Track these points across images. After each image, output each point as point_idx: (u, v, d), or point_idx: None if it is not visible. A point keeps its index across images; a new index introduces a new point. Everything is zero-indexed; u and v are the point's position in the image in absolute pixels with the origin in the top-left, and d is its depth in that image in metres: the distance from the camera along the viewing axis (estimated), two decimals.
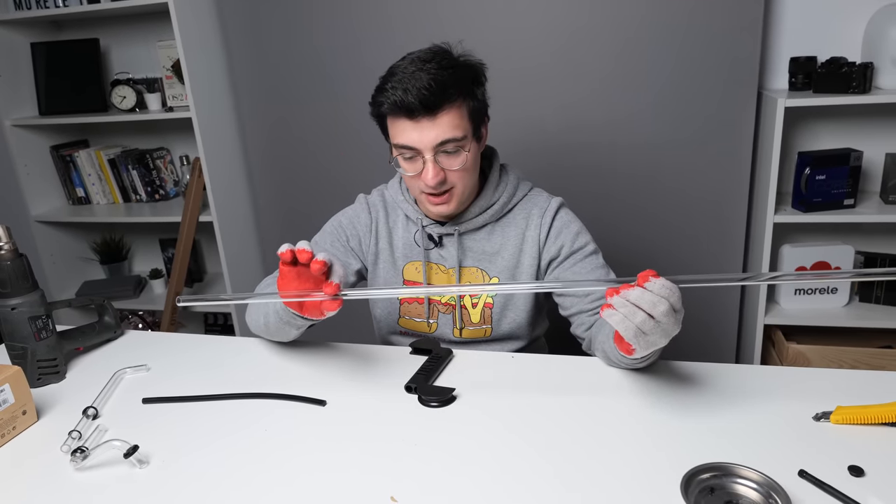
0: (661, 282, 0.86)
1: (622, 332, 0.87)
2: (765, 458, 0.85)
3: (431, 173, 1.14)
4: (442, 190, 1.18)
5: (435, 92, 1.10)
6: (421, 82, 1.09)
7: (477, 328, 1.32)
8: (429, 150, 1.13)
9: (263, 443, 0.96)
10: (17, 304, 1.13)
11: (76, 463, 0.91)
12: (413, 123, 1.12)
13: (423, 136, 1.13)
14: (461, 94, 1.14)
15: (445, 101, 1.11)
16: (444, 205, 1.20)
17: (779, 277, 0.87)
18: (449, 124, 1.13)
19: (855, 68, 1.78)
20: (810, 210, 1.91)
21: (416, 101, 1.09)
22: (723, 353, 2.20)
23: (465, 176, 1.19)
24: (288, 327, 1.11)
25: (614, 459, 0.87)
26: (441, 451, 0.91)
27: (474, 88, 1.17)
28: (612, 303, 0.87)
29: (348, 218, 1.35)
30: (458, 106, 1.14)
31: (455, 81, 1.12)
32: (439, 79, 1.10)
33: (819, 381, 1.04)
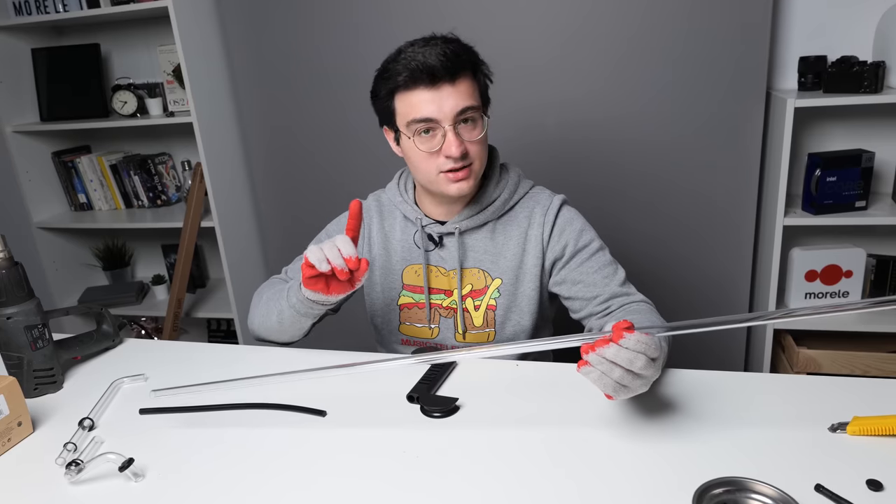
0: (636, 337, 0.84)
1: (601, 388, 0.86)
2: (780, 471, 0.82)
3: (455, 143, 1.12)
4: (464, 164, 1.15)
5: (451, 57, 1.11)
6: (436, 50, 1.10)
7: (480, 332, 1.29)
8: (448, 120, 1.12)
9: (262, 455, 0.93)
10: (13, 314, 1.11)
11: (71, 476, 0.89)
12: (432, 93, 1.11)
13: (444, 104, 1.11)
14: (472, 65, 1.16)
15: (462, 68, 1.12)
16: (465, 181, 1.17)
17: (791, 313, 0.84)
18: (467, 92, 1.13)
19: (866, 67, 1.75)
20: (821, 212, 1.87)
21: (439, 64, 1.09)
22: (732, 358, 2.17)
23: (482, 151, 1.18)
24: (305, 319, 1.17)
25: (624, 473, 0.84)
26: (444, 463, 0.89)
27: (480, 64, 1.18)
28: (588, 360, 0.85)
29: (340, 227, 1.34)
30: (470, 76, 1.15)
31: (466, 53, 1.14)
32: (451, 48, 1.12)
33: (834, 389, 1.01)
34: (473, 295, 1.27)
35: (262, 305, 1.25)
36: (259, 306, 1.26)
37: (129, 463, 0.89)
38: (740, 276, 2.07)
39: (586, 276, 1.22)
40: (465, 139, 1.14)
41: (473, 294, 1.27)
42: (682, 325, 0.88)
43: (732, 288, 2.08)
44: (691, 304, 2.12)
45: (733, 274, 2.07)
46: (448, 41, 1.14)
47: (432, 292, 1.28)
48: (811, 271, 1.97)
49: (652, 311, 1.17)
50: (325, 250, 1.02)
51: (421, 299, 1.29)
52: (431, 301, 1.29)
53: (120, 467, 0.88)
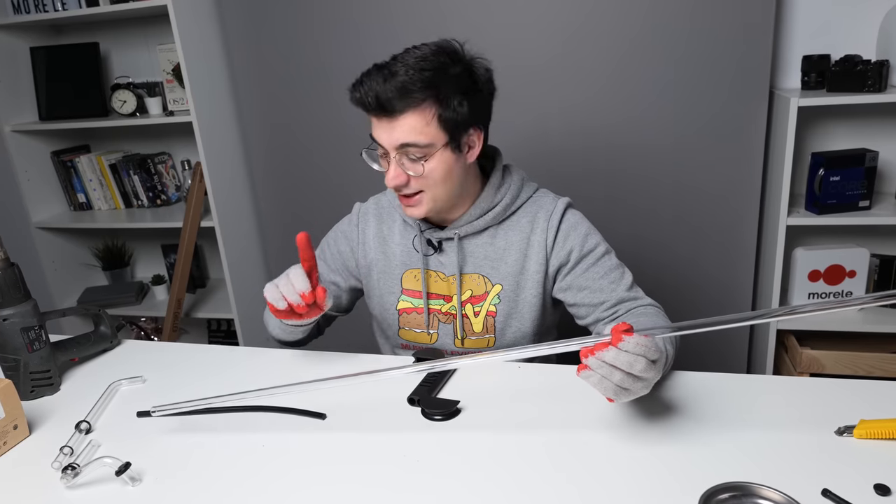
0: (636, 339, 0.83)
1: (601, 391, 0.85)
2: (785, 476, 0.80)
3: (391, 174, 1.12)
4: (406, 193, 1.15)
5: (393, 95, 1.06)
6: (381, 83, 1.06)
7: (479, 338, 1.27)
8: (391, 149, 1.11)
9: (260, 458, 0.92)
10: (9, 315, 1.10)
11: (67, 480, 0.88)
12: (377, 120, 1.11)
13: (385, 135, 1.11)
14: (429, 99, 1.07)
15: (407, 105, 1.07)
16: (412, 208, 1.17)
17: (794, 310, 0.82)
18: (410, 128, 1.08)
19: (870, 66, 1.74)
20: (824, 212, 1.86)
21: (373, 102, 1.08)
22: (734, 359, 2.15)
23: (435, 184, 1.13)
24: (299, 331, 1.24)
25: (626, 478, 0.83)
26: (445, 467, 0.88)
27: (452, 98, 1.08)
28: (587, 364, 0.84)
29: (337, 235, 1.36)
30: (422, 112, 1.07)
31: (424, 87, 1.06)
32: (403, 81, 1.05)
33: (840, 391, 1.00)
34: (473, 301, 1.25)
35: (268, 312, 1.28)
36: (267, 314, 1.30)
37: (126, 467, 0.88)
38: (743, 276, 2.06)
39: (592, 281, 1.20)
40: (407, 171, 1.12)
41: (473, 300, 1.25)
42: (684, 326, 0.87)
43: (735, 288, 2.07)
44: (694, 304, 2.10)
45: (736, 274, 2.06)
46: (421, 67, 1.06)
47: (432, 297, 1.27)
48: (814, 271, 1.96)
49: (659, 314, 1.15)
50: (281, 287, 1.04)
51: (420, 304, 1.27)
52: (430, 306, 1.27)
53: (117, 471, 0.87)
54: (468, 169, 1.18)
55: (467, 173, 1.18)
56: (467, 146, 1.15)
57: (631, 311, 1.17)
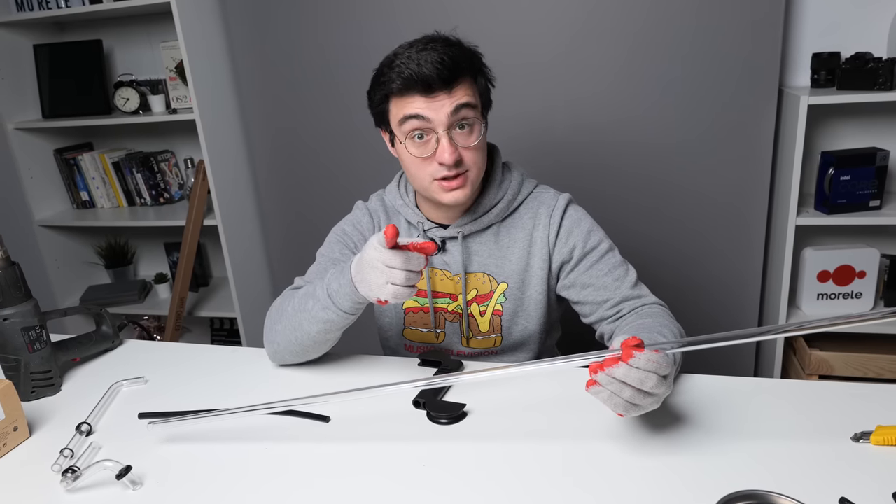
0: (647, 356, 0.80)
1: (611, 408, 0.83)
2: (801, 484, 0.78)
3: (448, 149, 1.07)
4: (458, 172, 1.11)
5: (449, 65, 1.05)
6: (433, 56, 1.05)
7: (486, 337, 1.25)
8: (443, 126, 1.07)
9: (263, 462, 0.91)
10: (10, 315, 1.09)
11: (67, 483, 0.86)
12: (427, 100, 1.07)
13: (440, 110, 1.07)
14: (472, 70, 1.11)
15: (459, 74, 1.08)
16: (460, 189, 1.12)
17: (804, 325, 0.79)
18: (464, 93, 1.09)
19: (881, 64, 1.71)
20: (834, 212, 1.84)
21: (434, 73, 1.04)
22: (742, 360, 2.13)
23: (479, 157, 1.13)
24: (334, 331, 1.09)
25: (640, 485, 0.81)
26: (451, 471, 0.86)
27: (482, 67, 1.14)
28: (597, 380, 0.82)
29: (351, 224, 1.28)
30: (469, 82, 1.10)
31: (465, 57, 1.09)
32: (450, 53, 1.07)
33: (854, 396, 0.97)
34: (479, 300, 1.23)
35: (289, 320, 1.12)
36: (282, 322, 1.13)
37: (127, 470, 0.86)
38: (751, 276, 2.04)
39: (596, 279, 1.18)
40: (459, 145, 1.09)
41: (479, 299, 1.23)
42: (694, 341, 0.83)
43: (743, 288, 2.05)
44: (701, 305, 2.08)
45: (744, 274, 2.04)
46: (449, 44, 1.09)
47: (437, 296, 1.25)
48: (824, 272, 1.93)
49: (664, 313, 1.13)
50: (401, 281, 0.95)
51: (426, 303, 1.25)
52: (436, 305, 1.25)
53: (117, 475, 0.86)
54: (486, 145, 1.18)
55: None
56: (487, 121, 1.16)
57: (635, 310, 1.15)
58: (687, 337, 1.09)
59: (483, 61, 1.15)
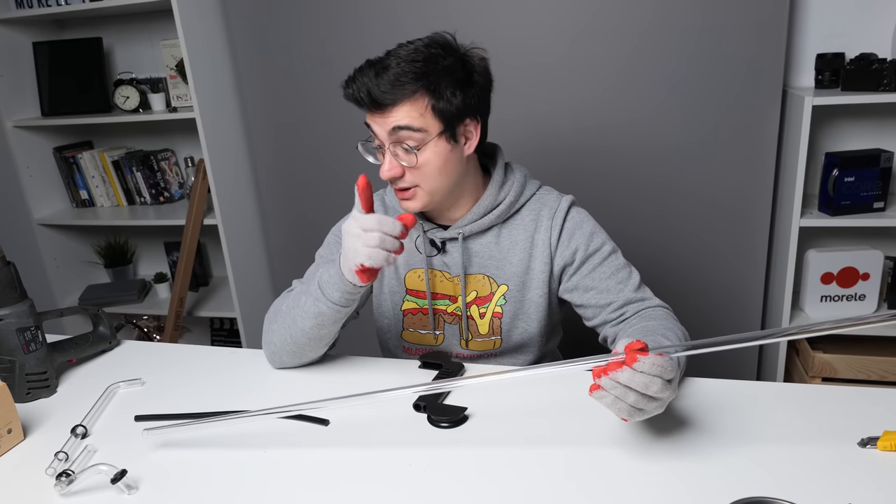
0: (651, 360, 0.79)
1: (615, 412, 0.82)
2: (807, 490, 0.77)
3: (385, 165, 1.09)
4: (401, 186, 1.11)
5: (385, 89, 1.04)
6: (372, 78, 1.05)
7: (485, 340, 1.24)
8: (385, 141, 1.08)
9: (262, 465, 0.89)
10: (5, 315, 1.07)
11: (61, 488, 0.85)
12: (370, 115, 1.09)
13: (378, 127, 1.09)
14: (423, 90, 1.05)
15: (399, 97, 1.04)
16: (408, 201, 1.13)
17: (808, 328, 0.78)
18: (404, 115, 1.06)
19: (886, 65, 1.70)
20: (838, 213, 1.82)
21: (366, 97, 1.06)
22: (745, 362, 2.12)
23: (430, 177, 1.10)
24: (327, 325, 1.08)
25: (643, 492, 0.80)
26: (452, 476, 0.84)
27: (445, 88, 1.06)
28: (601, 384, 0.80)
29: None
30: (414, 102, 1.05)
31: (417, 78, 1.04)
32: (396, 73, 1.04)
33: (860, 400, 0.96)
34: (478, 302, 1.22)
35: (283, 318, 1.12)
36: (278, 322, 1.13)
37: (122, 475, 0.85)
38: (754, 277, 2.02)
39: (599, 282, 1.17)
40: (402, 163, 1.09)
41: (478, 301, 1.22)
42: (699, 345, 0.82)
43: (746, 290, 2.04)
44: (703, 307, 2.07)
45: (747, 275, 2.02)
46: (412, 59, 1.04)
47: (437, 297, 1.24)
48: (827, 273, 1.92)
49: (668, 316, 1.12)
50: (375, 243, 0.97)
51: (425, 305, 1.24)
52: (436, 307, 1.24)
53: (112, 479, 0.84)
54: (467, 163, 1.15)
55: (466, 167, 1.15)
56: (464, 137, 1.12)
57: (639, 313, 1.14)
58: (689, 338, 1.08)
59: (470, 81, 1.09)
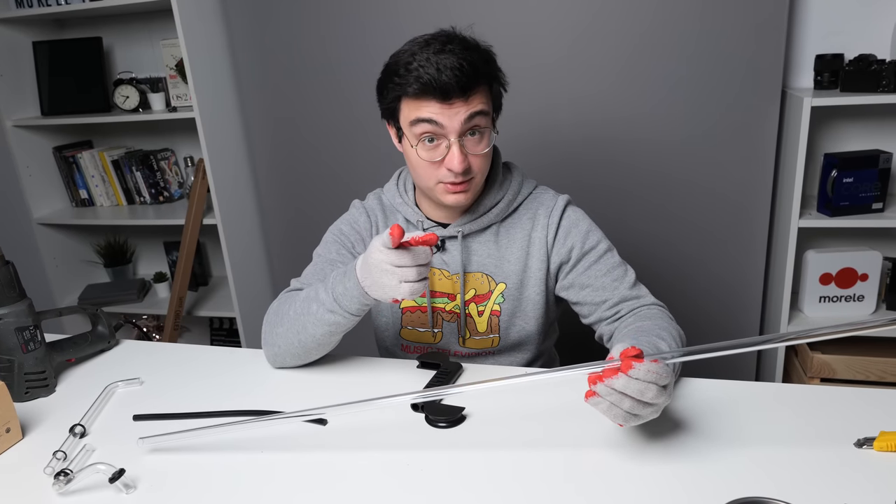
0: (646, 367, 0.79)
1: (611, 418, 0.82)
2: (803, 491, 0.77)
3: (459, 158, 1.07)
4: (464, 178, 1.10)
5: (468, 72, 1.04)
6: (452, 62, 1.03)
7: (483, 337, 1.24)
8: (455, 133, 1.06)
9: (259, 465, 0.89)
10: (4, 315, 1.08)
11: (59, 487, 0.85)
12: (442, 106, 1.05)
13: (454, 117, 1.05)
14: (488, 76, 1.09)
15: (477, 82, 1.06)
16: (463, 194, 1.12)
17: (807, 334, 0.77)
18: (478, 101, 1.07)
19: (885, 66, 1.70)
20: (837, 214, 1.82)
21: (453, 81, 1.02)
22: (744, 363, 2.12)
23: (486, 164, 1.13)
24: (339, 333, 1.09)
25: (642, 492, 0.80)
26: (450, 476, 0.85)
27: (497, 71, 1.12)
28: (596, 391, 0.81)
29: (348, 223, 1.27)
30: (485, 90, 1.09)
31: (483, 62, 1.08)
32: (469, 59, 1.04)
33: (857, 401, 0.96)
34: (477, 300, 1.22)
35: (291, 323, 1.10)
36: (284, 325, 1.12)
37: (120, 474, 0.85)
38: (753, 278, 2.02)
39: (594, 279, 1.18)
40: (469, 152, 1.09)
41: (477, 299, 1.22)
42: (694, 350, 0.83)
43: (745, 290, 2.04)
44: (702, 306, 2.07)
45: (746, 276, 2.02)
46: (467, 48, 1.06)
47: (435, 296, 1.24)
48: (826, 274, 1.92)
49: (663, 315, 1.12)
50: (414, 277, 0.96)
51: (423, 302, 1.24)
52: (434, 304, 1.24)
53: (110, 478, 0.84)
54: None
55: None
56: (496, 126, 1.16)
57: (634, 311, 1.14)
58: (685, 338, 1.08)
59: (497, 66, 1.13)
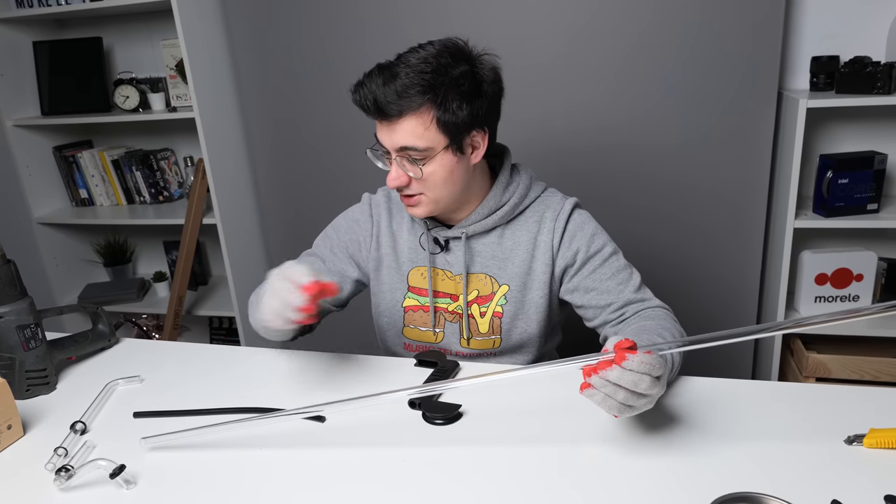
0: (640, 358, 0.80)
1: (605, 410, 0.83)
2: (794, 486, 0.79)
3: (392, 175, 1.12)
4: (406, 193, 1.14)
5: (391, 99, 1.05)
6: (379, 87, 1.05)
7: (485, 339, 1.25)
8: (393, 149, 1.10)
9: (258, 461, 0.91)
10: (5, 313, 1.09)
11: (60, 482, 0.86)
12: (379, 123, 1.10)
13: (384, 136, 1.10)
14: (429, 104, 1.05)
15: (405, 109, 1.05)
16: (413, 207, 1.16)
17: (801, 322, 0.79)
18: (408, 132, 1.07)
19: (880, 68, 1.71)
20: (832, 215, 1.84)
21: (372, 106, 1.07)
22: (740, 361, 2.13)
23: (436, 187, 1.12)
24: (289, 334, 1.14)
25: (634, 487, 0.81)
26: (446, 472, 0.86)
27: (451, 101, 1.05)
28: (591, 383, 0.82)
29: (348, 223, 1.30)
30: (419, 115, 1.06)
31: (423, 91, 1.04)
32: (404, 83, 1.04)
33: (849, 399, 0.98)
34: (479, 301, 1.23)
35: (255, 308, 1.14)
36: (254, 311, 1.17)
37: (121, 470, 0.86)
38: (749, 278, 2.04)
39: (599, 283, 1.18)
40: (408, 173, 1.11)
41: (479, 300, 1.23)
42: (687, 341, 0.84)
43: (741, 291, 2.05)
44: (699, 307, 2.08)
45: (742, 277, 2.04)
46: (421, 70, 1.04)
47: (438, 296, 1.25)
48: (821, 274, 1.94)
49: (667, 316, 1.13)
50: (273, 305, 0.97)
51: (426, 302, 1.25)
52: (437, 305, 1.25)
53: (111, 474, 0.86)
54: (473, 169, 1.16)
55: (472, 174, 1.16)
56: (470, 147, 1.12)
57: (639, 314, 1.15)
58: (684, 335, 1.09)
59: (479, 91, 1.09)
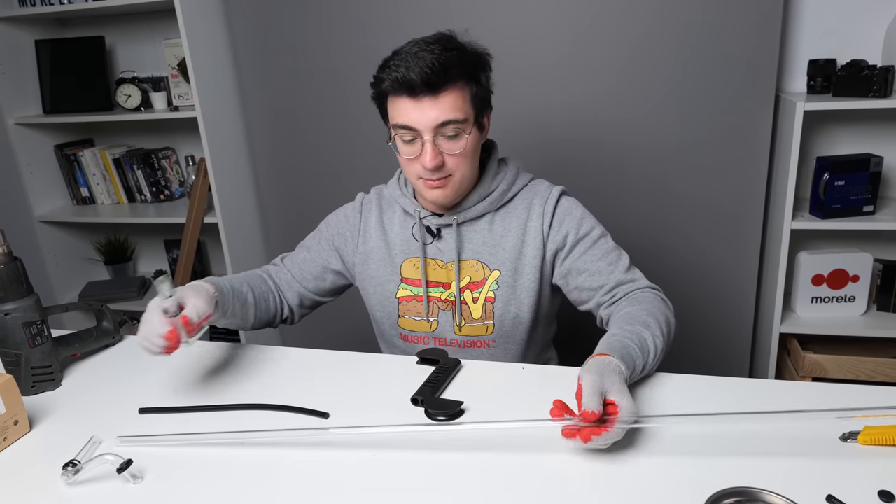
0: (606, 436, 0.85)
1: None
2: (790, 482, 0.80)
3: (430, 155, 1.12)
4: (439, 175, 1.15)
5: (438, 71, 1.08)
6: (424, 61, 1.08)
7: (478, 324, 1.27)
8: (428, 131, 1.12)
9: (262, 457, 0.92)
10: (11, 310, 1.09)
11: (68, 477, 0.87)
12: (414, 102, 1.11)
13: (424, 115, 1.11)
14: (465, 76, 1.13)
15: (448, 81, 1.10)
16: (441, 189, 1.18)
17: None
18: (451, 105, 1.11)
19: (876, 72, 1.73)
20: (828, 216, 1.86)
21: (419, 79, 1.08)
22: (737, 362, 2.15)
23: (464, 163, 1.16)
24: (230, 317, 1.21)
25: (630, 483, 0.82)
26: (448, 469, 0.87)
27: (479, 73, 1.16)
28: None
29: (338, 218, 1.37)
30: (460, 88, 1.12)
31: (459, 63, 1.11)
32: (443, 59, 1.09)
33: (844, 397, 0.99)
34: (472, 287, 1.26)
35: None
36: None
37: (128, 464, 0.87)
38: (747, 279, 2.05)
39: (591, 263, 1.22)
40: (443, 150, 1.14)
41: (472, 286, 1.26)
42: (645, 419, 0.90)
43: (738, 291, 2.07)
44: (697, 307, 2.10)
45: (739, 277, 2.05)
46: (448, 47, 1.11)
47: (431, 285, 1.28)
48: (818, 275, 1.95)
49: (655, 298, 1.16)
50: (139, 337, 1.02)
51: (419, 292, 1.28)
52: (430, 294, 1.28)
53: (118, 469, 0.87)
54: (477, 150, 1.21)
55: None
56: (484, 126, 1.20)
57: (629, 295, 1.18)
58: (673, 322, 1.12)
59: (487, 67, 1.17)
